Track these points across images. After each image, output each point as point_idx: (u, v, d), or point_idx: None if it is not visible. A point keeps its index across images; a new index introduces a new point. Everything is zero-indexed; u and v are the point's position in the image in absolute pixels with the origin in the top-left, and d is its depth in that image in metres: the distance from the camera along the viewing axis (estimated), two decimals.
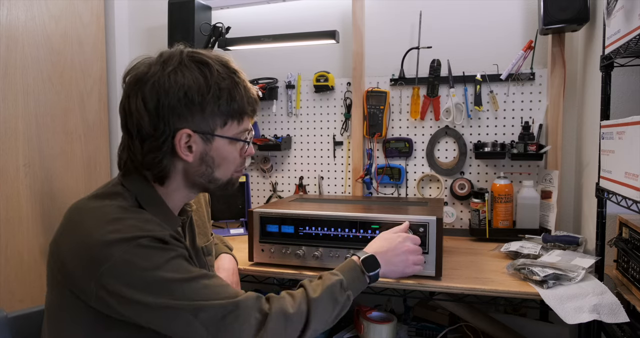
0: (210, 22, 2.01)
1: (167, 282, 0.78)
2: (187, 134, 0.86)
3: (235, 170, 0.95)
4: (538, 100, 1.76)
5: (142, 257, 0.78)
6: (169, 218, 0.92)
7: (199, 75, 0.85)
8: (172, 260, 0.80)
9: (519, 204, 1.70)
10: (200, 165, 0.90)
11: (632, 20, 1.03)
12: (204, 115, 0.86)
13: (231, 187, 0.97)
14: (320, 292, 0.90)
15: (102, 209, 0.84)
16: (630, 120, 1.02)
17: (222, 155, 0.91)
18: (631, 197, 1.00)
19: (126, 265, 0.77)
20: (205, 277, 0.83)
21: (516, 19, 1.79)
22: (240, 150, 0.94)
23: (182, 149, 0.87)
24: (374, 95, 1.91)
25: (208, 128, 0.88)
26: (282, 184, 2.10)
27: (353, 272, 0.99)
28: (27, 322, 1.06)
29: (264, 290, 1.84)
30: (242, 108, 0.90)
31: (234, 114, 0.89)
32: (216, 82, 0.86)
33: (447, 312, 1.68)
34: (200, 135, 0.87)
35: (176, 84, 0.84)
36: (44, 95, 1.71)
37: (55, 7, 1.75)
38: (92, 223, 0.81)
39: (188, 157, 0.88)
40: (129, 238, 0.78)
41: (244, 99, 0.90)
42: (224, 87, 0.87)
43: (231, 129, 0.91)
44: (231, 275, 1.22)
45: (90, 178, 1.90)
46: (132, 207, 0.86)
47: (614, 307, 1.08)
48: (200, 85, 0.85)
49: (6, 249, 1.54)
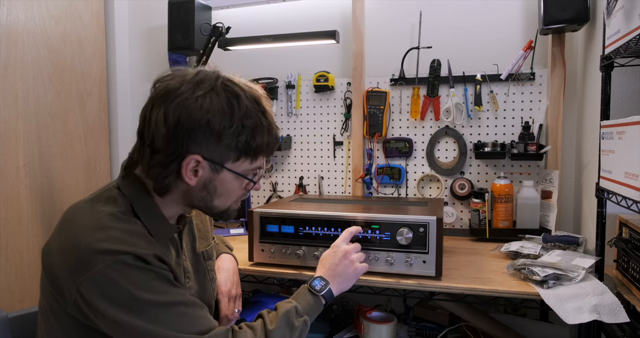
0: (210, 22, 2.01)
1: (142, 304, 0.79)
2: (195, 160, 0.85)
3: (235, 201, 0.96)
4: (538, 100, 1.76)
5: (122, 274, 0.78)
6: (163, 225, 0.92)
7: (225, 106, 0.83)
8: (151, 282, 0.80)
9: (519, 204, 1.70)
10: (201, 191, 0.90)
11: (632, 20, 1.03)
12: (219, 146, 0.85)
13: (227, 216, 0.97)
14: (277, 321, 0.92)
15: (93, 214, 0.84)
16: (630, 120, 1.02)
17: (225, 187, 0.90)
18: (631, 197, 1.00)
19: (105, 278, 0.77)
20: (184, 304, 0.83)
21: (516, 19, 1.79)
22: (245, 186, 0.94)
23: (188, 173, 0.86)
24: (374, 95, 1.91)
25: (219, 159, 0.86)
26: (282, 184, 2.10)
27: (306, 297, 1.02)
28: (27, 322, 1.06)
29: (264, 290, 1.84)
30: (260, 149, 0.89)
31: (249, 152, 0.88)
32: (241, 118, 0.84)
33: (447, 312, 1.68)
34: (210, 163, 0.86)
35: (201, 108, 0.82)
36: (44, 95, 1.71)
37: (55, 7, 1.75)
38: (82, 227, 0.82)
39: (192, 180, 0.87)
40: (113, 251, 0.78)
41: (264, 141, 0.88)
42: (247, 125, 0.85)
43: (242, 165, 0.89)
44: (231, 275, 1.22)
45: (90, 179, 1.90)
46: (124, 214, 0.86)
47: (614, 307, 1.08)
48: (224, 116, 0.83)
49: (6, 249, 1.54)
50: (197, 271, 1.05)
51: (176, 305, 0.81)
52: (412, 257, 1.27)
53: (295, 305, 0.98)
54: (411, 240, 1.27)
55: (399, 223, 1.28)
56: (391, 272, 1.29)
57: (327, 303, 1.05)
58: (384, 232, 1.30)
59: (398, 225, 1.28)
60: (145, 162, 0.87)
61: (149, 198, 0.91)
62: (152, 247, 0.85)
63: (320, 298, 1.03)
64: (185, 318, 0.81)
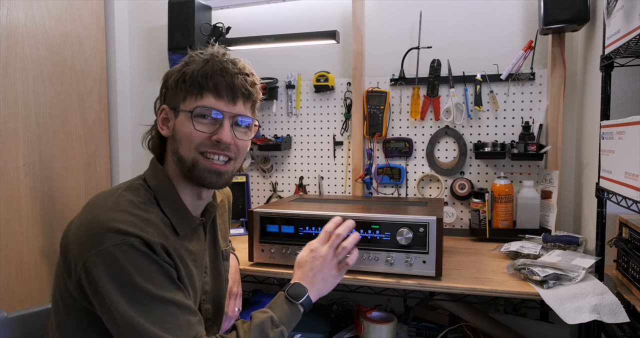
0: (210, 22, 2.01)
1: (140, 291, 0.79)
2: (163, 110, 0.96)
3: (198, 149, 0.91)
4: (538, 100, 1.76)
5: (128, 256, 0.80)
6: (185, 217, 0.94)
7: (186, 59, 0.95)
8: (153, 272, 0.81)
9: (519, 204, 1.70)
10: (173, 142, 0.94)
11: (632, 20, 1.03)
12: (170, 89, 0.95)
13: (198, 174, 0.92)
14: (250, 333, 0.89)
15: (115, 198, 0.87)
16: (630, 120, 1.02)
17: (182, 130, 0.93)
18: (631, 197, 1.00)
19: (112, 257, 0.79)
20: (178, 305, 0.82)
21: (516, 19, 1.79)
22: (200, 127, 0.91)
23: (160, 122, 0.96)
24: (374, 95, 1.91)
25: (175, 103, 0.94)
26: (282, 184, 2.10)
27: (283, 306, 0.96)
28: (27, 322, 1.06)
29: (264, 290, 1.84)
30: (200, 82, 0.91)
31: (191, 88, 0.92)
32: (188, 61, 0.94)
33: (447, 312, 1.68)
34: (172, 110, 0.94)
35: (173, 69, 0.96)
36: (44, 95, 1.71)
37: (55, 7, 1.75)
38: (101, 207, 0.86)
39: (164, 131, 0.96)
40: (124, 231, 0.80)
41: (204, 74, 0.91)
42: (191, 62, 0.94)
43: (189, 103, 0.92)
44: (233, 274, 1.24)
45: (90, 178, 1.90)
46: (143, 203, 0.88)
47: (614, 307, 1.08)
48: (179, 67, 0.94)
49: (6, 249, 1.54)
50: (215, 268, 1.07)
51: (170, 304, 0.81)
52: (412, 257, 1.27)
53: (271, 315, 0.92)
54: (411, 240, 1.27)
55: (399, 224, 1.28)
56: (391, 272, 1.29)
57: (306, 311, 1.00)
58: (384, 232, 1.30)
59: (398, 225, 1.28)
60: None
61: (173, 189, 0.94)
62: (164, 238, 0.86)
63: (298, 307, 0.97)
64: (174, 320, 0.81)
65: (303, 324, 1.59)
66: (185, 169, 0.93)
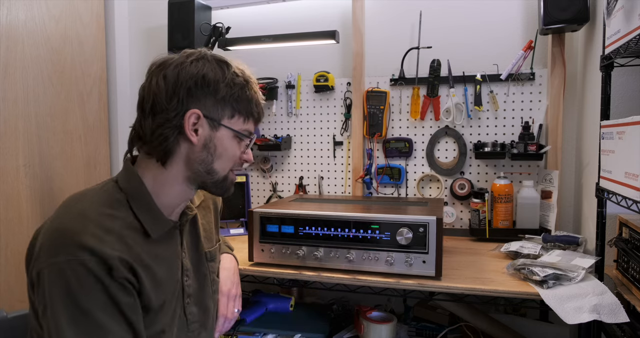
0: (210, 22, 2.01)
1: (80, 313, 0.77)
2: (196, 115, 0.89)
3: (232, 168, 0.97)
4: (538, 100, 1.76)
5: (77, 275, 0.77)
6: (157, 217, 0.91)
7: (217, 67, 0.91)
8: (98, 296, 0.78)
9: (519, 204, 1.70)
10: (202, 151, 0.91)
11: (632, 20, 1.03)
12: (215, 100, 0.90)
13: (226, 186, 0.97)
14: None
15: (83, 203, 0.86)
16: (630, 120, 1.02)
17: (223, 146, 0.93)
18: (631, 197, 1.00)
19: (61, 273, 0.77)
20: (113, 334, 0.79)
21: (516, 19, 1.79)
22: (240, 148, 0.96)
23: (189, 128, 0.89)
24: (374, 95, 1.91)
25: (217, 115, 0.91)
26: (282, 184, 2.10)
27: None
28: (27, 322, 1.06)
29: (264, 290, 1.84)
30: (250, 108, 0.94)
31: (241, 110, 0.93)
32: (232, 77, 0.92)
33: (447, 312, 1.68)
34: (209, 120, 0.91)
35: (196, 68, 0.89)
36: (44, 95, 1.71)
37: (55, 7, 1.75)
38: (68, 215, 0.84)
39: (193, 137, 0.90)
40: (82, 246, 0.78)
41: (252, 100, 0.94)
42: (237, 82, 0.92)
43: (237, 123, 0.94)
44: (232, 275, 1.22)
45: (90, 178, 1.90)
46: (110, 208, 0.86)
47: (614, 307, 1.08)
48: (216, 73, 0.90)
49: (6, 249, 1.54)
50: (198, 271, 1.05)
51: (108, 333, 0.78)
52: (412, 257, 1.27)
53: None
54: (411, 240, 1.27)
55: (399, 224, 1.28)
56: (391, 272, 1.29)
57: None
58: (383, 232, 1.30)
59: (398, 225, 1.28)
60: (148, 130, 0.89)
61: (145, 191, 0.91)
62: (126, 248, 0.83)
63: None
64: None
65: (303, 324, 1.61)
66: (210, 180, 0.94)
